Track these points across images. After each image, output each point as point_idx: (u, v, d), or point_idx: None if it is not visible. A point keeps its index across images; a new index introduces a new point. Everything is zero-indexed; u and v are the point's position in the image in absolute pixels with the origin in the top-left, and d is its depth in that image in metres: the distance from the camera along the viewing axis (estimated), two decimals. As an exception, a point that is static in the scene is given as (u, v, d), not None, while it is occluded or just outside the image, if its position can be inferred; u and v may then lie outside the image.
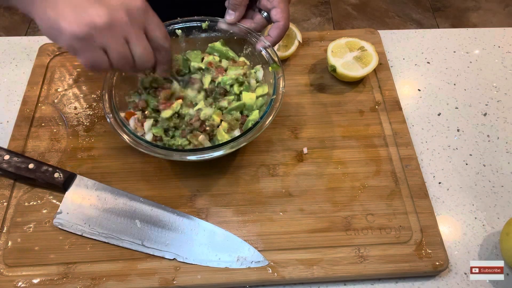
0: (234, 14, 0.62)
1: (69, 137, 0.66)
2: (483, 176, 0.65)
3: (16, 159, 0.60)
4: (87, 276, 0.54)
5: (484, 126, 0.71)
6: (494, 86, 0.76)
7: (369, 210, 0.60)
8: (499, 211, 0.62)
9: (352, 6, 2.20)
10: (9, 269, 0.55)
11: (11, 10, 2.16)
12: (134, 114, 0.60)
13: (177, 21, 0.66)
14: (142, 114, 0.61)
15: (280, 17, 0.60)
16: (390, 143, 0.66)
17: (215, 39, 0.67)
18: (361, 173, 0.63)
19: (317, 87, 0.73)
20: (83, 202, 0.59)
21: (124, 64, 0.50)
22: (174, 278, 0.54)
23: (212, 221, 0.59)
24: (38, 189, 0.61)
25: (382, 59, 0.76)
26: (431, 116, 0.72)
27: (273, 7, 0.60)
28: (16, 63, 0.77)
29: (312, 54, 0.77)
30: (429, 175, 0.65)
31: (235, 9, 0.62)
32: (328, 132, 0.67)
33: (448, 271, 0.57)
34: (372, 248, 0.57)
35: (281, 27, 0.60)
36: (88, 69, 0.51)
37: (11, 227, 0.58)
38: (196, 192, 0.61)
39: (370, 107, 0.70)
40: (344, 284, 0.56)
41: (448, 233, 0.60)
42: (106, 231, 0.57)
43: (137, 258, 0.56)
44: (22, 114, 0.68)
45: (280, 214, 0.59)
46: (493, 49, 0.81)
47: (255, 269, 0.55)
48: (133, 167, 0.63)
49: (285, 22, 0.60)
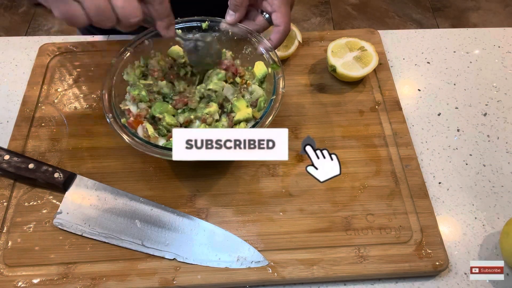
0: (234, 15, 0.62)
1: (69, 137, 0.66)
2: (483, 176, 0.65)
3: (16, 159, 0.60)
4: (87, 276, 0.54)
5: (484, 126, 0.71)
6: (494, 86, 0.76)
7: (369, 210, 0.60)
8: (499, 211, 0.62)
9: (352, 6, 2.20)
10: (9, 269, 0.55)
11: (11, 10, 2.16)
12: (141, 122, 0.60)
13: (177, 21, 0.66)
14: (148, 120, 0.60)
15: (281, 21, 0.60)
16: (390, 143, 0.66)
17: (216, 39, 0.67)
18: (361, 173, 0.63)
19: (317, 87, 0.73)
20: (83, 202, 0.59)
21: (103, 19, 0.46)
22: (174, 278, 0.54)
23: (212, 221, 0.59)
24: (38, 189, 0.61)
25: (382, 59, 0.76)
26: (431, 116, 0.72)
27: (274, 11, 0.59)
28: (16, 63, 0.77)
29: (312, 54, 0.77)
30: (429, 175, 0.65)
31: (235, 10, 0.61)
32: (328, 132, 0.67)
33: (448, 271, 0.57)
34: (372, 248, 0.57)
35: (282, 32, 0.60)
36: (66, 23, 0.46)
37: (11, 227, 0.58)
38: (196, 192, 0.61)
39: (370, 107, 0.71)
40: (344, 284, 0.56)
41: (448, 233, 0.60)
42: (106, 231, 0.57)
43: (137, 258, 0.56)
44: (22, 114, 0.68)
45: (280, 214, 0.59)
46: (493, 49, 0.81)
47: (255, 269, 0.55)
48: (133, 167, 0.63)
49: (285, 27, 0.60)
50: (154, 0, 0.49)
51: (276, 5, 0.59)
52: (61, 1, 0.44)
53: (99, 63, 0.74)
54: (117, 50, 0.63)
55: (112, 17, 0.46)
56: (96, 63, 0.75)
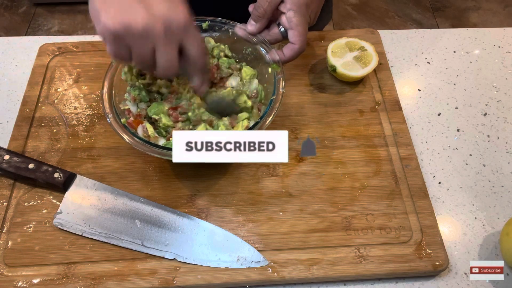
0: (255, 26, 0.62)
1: (69, 137, 0.66)
2: (483, 176, 0.65)
3: (16, 159, 0.60)
4: (87, 276, 0.54)
5: (484, 126, 0.71)
6: (494, 86, 0.76)
7: (369, 210, 0.60)
8: (499, 211, 0.62)
9: (352, 6, 2.20)
10: (9, 269, 0.55)
11: (11, 10, 2.16)
12: (141, 122, 0.60)
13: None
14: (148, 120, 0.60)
15: (297, 40, 0.59)
16: (390, 143, 0.66)
17: (217, 39, 0.67)
18: (361, 173, 0.63)
19: (317, 87, 0.73)
20: (83, 202, 0.59)
21: (144, 68, 0.55)
22: (174, 278, 0.54)
23: (212, 221, 0.59)
24: (38, 189, 0.61)
25: (382, 59, 0.76)
26: (431, 116, 0.72)
27: (291, 28, 0.59)
28: (16, 63, 0.77)
29: (312, 54, 0.77)
30: (429, 175, 0.65)
31: (257, 20, 0.61)
32: (328, 132, 0.67)
33: (448, 271, 0.57)
34: (372, 248, 0.57)
35: (296, 50, 0.60)
36: (112, 58, 0.53)
37: (11, 227, 0.58)
38: (196, 192, 0.61)
39: (370, 107, 0.71)
40: (344, 284, 0.56)
41: (448, 233, 0.60)
42: (106, 231, 0.57)
43: (137, 258, 0.56)
44: (22, 114, 0.68)
45: (280, 214, 0.59)
46: (493, 49, 0.81)
47: (255, 269, 0.55)
48: (133, 167, 0.63)
49: (300, 46, 0.59)
50: (196, 65, 0.54)
51: (294, 23, 0.58)
52: (116, 45, 0.49)
53: (99, 63, 0.74)
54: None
55: (152, 69, 0.52)
56: (96, 63, 0.75)
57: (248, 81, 0.65)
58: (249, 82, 0.64)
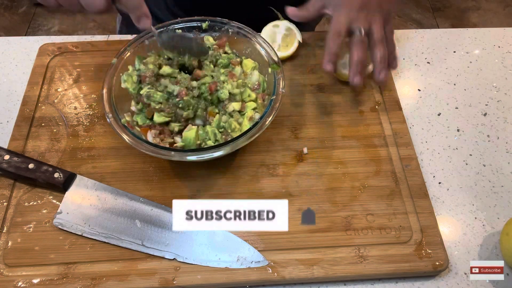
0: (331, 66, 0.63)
1: (69, 137, 0.66)
2: (483, 176, 0.65)
3: (16, 159, 0.60)
4: (87, 276, 0.54)
5: (484, 126, 0.71)
6: (494, 86, 0.76)
7: (369, 210, 0.60)
8: (499, 211, 0.62)
9: (352, 6, 2.19)
10: (9, 269, 0.55)
11: (11, 10, 2.16)
12: (149, 129, 0.60)
13: (177, 21, 0.66)
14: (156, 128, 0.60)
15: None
16: (390, 143, 0.66)
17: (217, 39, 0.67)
18: (361, 173, 0.63)
19: (317, 87, 0.73)
20: (83, 202, 0.59)
21: (68, 4, 0.52)
22: (174, 278, 0.54)
23: (212, 221, 0.59)
24: (38, 189, 0.61)
25: (382, 59, 0.76)
26: (431, 116, 0.72)
27: None
28: (16, 63, 0.77)
29: (312, 54, 0.77)
30: (429, 175, 0.65)
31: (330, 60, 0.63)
32: (328, 132, 0.67)
33: (448, 271, 0.57)
34: (372, 248, 0.57)
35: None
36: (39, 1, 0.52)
37: (11, 227, 0.58)
38: (196, 192, 0.61)
39: (370, 107, 0.71)
40: (344, 284, 0.56)
41: (448, 233, 0.60)
42: (106, 231, 0.57)
43: (137, 258, 0.56)
44: (22, 114, 0.68)
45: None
46: (493, 49, 0.81)
47: (255, 269, 0.55)
48: (133, 167, 0.63)
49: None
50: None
51: None
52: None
53: (99, 63, 0.74)
54: (117, 50, 0.63)
55: (78, 4, 0.51)
56: (96, 63, 0.75)
57: (249, 74, 0.64)
58: (250, 75, 0.64)
